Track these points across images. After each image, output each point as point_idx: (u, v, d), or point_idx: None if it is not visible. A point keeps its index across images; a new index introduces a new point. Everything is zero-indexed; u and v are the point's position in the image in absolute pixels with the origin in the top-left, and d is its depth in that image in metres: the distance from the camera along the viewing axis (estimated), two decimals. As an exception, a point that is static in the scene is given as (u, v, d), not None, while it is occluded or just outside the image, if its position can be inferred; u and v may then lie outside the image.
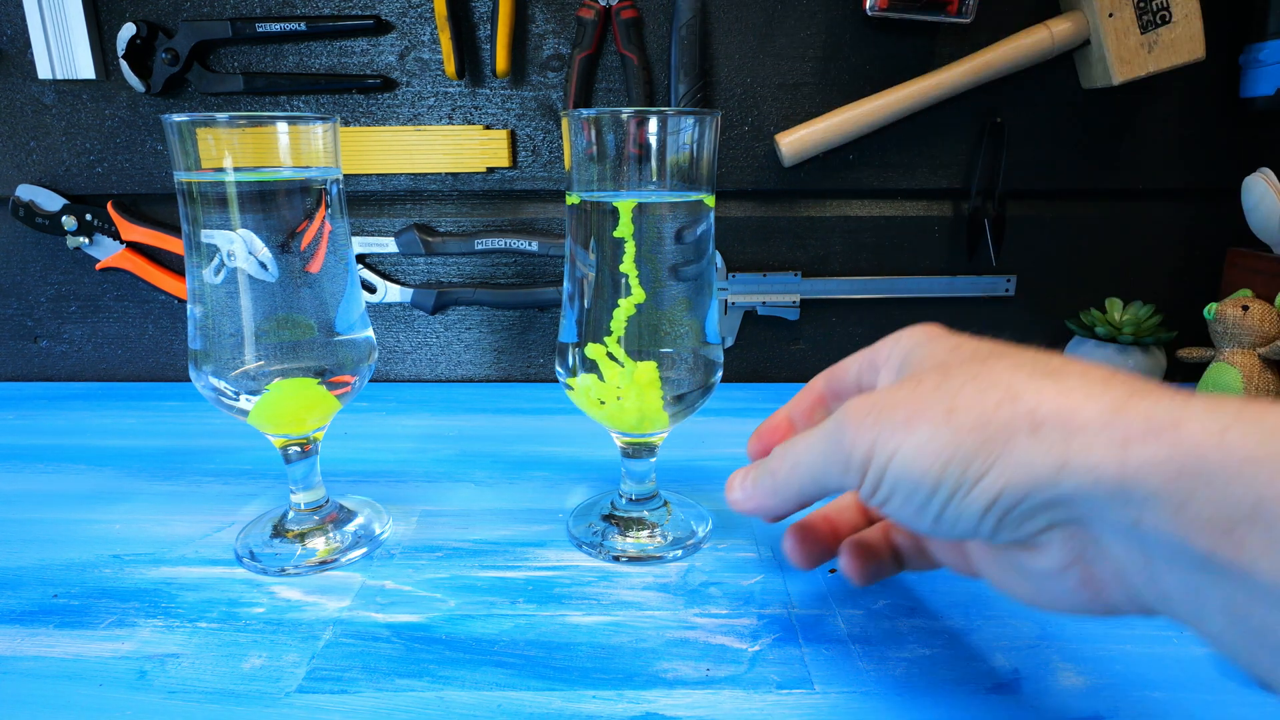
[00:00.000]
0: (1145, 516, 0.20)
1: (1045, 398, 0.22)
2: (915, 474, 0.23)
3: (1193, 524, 0.19)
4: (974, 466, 0.22)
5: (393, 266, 0.71)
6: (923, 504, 0.24)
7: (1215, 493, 0.19)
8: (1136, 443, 0.20)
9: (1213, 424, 0.19)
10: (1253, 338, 0.61)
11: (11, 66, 0.65)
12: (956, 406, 0.23)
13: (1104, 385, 0.22)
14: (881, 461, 0.24)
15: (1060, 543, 0.23)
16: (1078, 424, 0.21)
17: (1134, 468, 0.20)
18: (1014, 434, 0.22)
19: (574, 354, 0.41)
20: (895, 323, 0.71)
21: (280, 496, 0.49)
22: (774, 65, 0.65)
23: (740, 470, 0.32)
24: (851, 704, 0.31)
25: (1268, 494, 0.18)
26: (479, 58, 0.65)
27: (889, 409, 0.25)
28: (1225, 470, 0.19)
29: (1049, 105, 0.66)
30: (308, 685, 0.32)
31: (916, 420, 0.24)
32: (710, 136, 0.38)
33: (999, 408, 0.22)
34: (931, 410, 0.23)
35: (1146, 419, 0.20)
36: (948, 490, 0.23)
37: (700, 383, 0.41)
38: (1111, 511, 0.21)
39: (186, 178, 0.37)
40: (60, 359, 0.73)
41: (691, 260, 0.40)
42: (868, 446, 0.25)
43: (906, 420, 0.24)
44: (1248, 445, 0.18)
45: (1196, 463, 0.19)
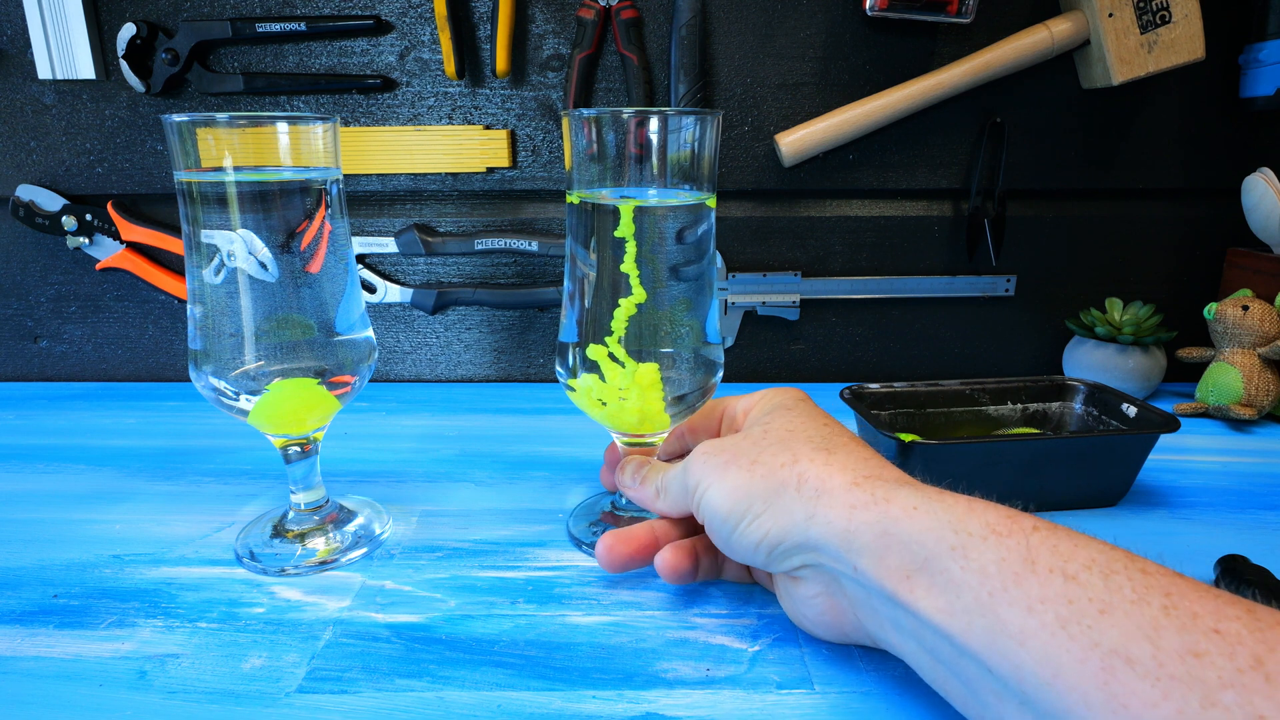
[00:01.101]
0: (860, 562, 0.28)
1: (814, 466, 0.31)
2: (719, 506, 0.32)
3: (887, 571, 0.27)
4: (755, 506, 0.31)
5: (393, 266, 0.71)
6: (720, 527, 0.32)
7: (902, 550, 0.27)
8: (859, 509, 0.28)
9: (909, 502, 0.28)
10: (1253, 338, 0.61)
11: (11, 66, 0.65)
12: (759, 460, 0.32)
13: (855, 465, 0.30)
14: (703, 491, 0.33)
15: (812, 577, 0.31)
16: (826, 489, 0.30)
17: (854, 526, 0.28)
18: (786, 487, 0.31)
19: (574, 354, 0.41)
20: (895, 323, 0.71)
21: (280, 496, 0.48)
22: (774, 65, 0.65)
23: (637, 457, 0.41)
24: (851, 704, 0.31)
25: (931, 555, 0.26)
26: (479, 58, 0.65)
27: (717, 453, 0.34)
28: (910, 535, 0.27)
29: (1049, 105, 0.66)
30: (308, 685, 0.32)
31: (730, 465, 0.33)
32: (712, 136, 0.38)
33: (783, 467, 0.31)
34: (742, 459, 0.32)
35: (870, 494, 0.29)
36: (735, 520, 0.32)
37: (701, 383, 0.41)
38: (841, 557, 0.29)
39: (186, 178, 0.37)
40: (60, 359, 0.73)
41: (692, 260, 0.40)
42: (697, 480, 0.34)
43: (724, 464, 0.33)
44: (926, 520, 0.27)
45: (893, 527, 0.27)
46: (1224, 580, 0.37)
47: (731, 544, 0.32)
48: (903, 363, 0.73)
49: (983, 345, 0.72)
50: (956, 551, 0.26)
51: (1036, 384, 0.54)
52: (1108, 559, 0.24)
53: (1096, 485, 0.47)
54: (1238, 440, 0.59)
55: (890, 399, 0.53)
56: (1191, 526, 0.45)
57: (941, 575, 0.26)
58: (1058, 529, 0.26)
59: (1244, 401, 0.61)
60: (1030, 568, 0.24)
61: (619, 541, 0.37)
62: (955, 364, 0.72)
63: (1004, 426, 0.54)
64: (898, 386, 0.53)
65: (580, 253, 0.40)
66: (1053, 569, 0.24)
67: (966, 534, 0.26)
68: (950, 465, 0.44)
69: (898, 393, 0.53)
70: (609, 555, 0.37)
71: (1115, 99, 0.66)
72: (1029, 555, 0.25)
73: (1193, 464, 0.54)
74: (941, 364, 0.72)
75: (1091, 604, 0.23)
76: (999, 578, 0.24)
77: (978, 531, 0.26)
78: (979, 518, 0.26)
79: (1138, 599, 0.22)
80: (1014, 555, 0.25)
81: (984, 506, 0.27)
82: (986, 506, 0.27)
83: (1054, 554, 0.24)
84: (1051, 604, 0.23)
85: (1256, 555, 0.38)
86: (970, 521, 0.26)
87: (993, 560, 0.25)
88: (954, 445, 0.44)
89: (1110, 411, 0.50)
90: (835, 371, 0.72)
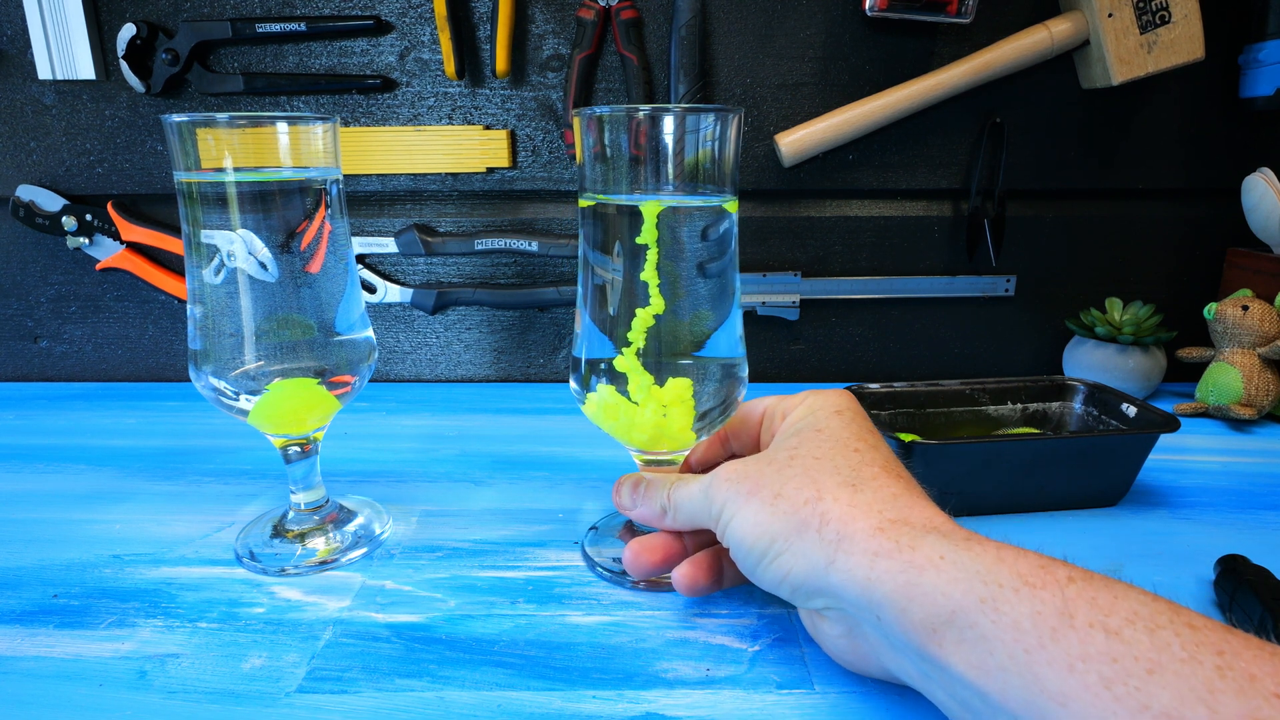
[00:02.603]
0: (882, 614, 0.26)
1: (838, 506, 0.29)
2: (742, 537, 0.31)
3: (911, 624, 0.25)
4: (777, 545, 0.30)
5: (393, 266, 0.71)
6: (744, 559, 0.31)
7: (927, 603, 0.25)
8: (882, 558, 0.27)
9: (935, 551, 0.26)
10: (1252, 337, 0.61)
11: (11, 66, 0.65)
12: (782, 493, 0.30)
13: (882, 505, 0.29)
14: (726, 520, 0.32)
15: (836, 619, 0.30)
16: (849, 534, 0.28)
17: (876, 575, 0.26)
18: (808, 528, 0.29)
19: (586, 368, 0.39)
20: (895, 323, 0.71)
21: (280, 496, 0.48)
22: (774, 65, 0.65)
23: (630, 478, 0.38)
24: (851, 704, 0.31)
25: (959, 608, 0.24)
26: (479, 58, 0.65)
27: (741, 480, 0.32)
28: (935, 588, 0.25)
29: (1049, 105, 0.66)
30: (308, 685, 0.32)
31: (753, 496, 0.31)
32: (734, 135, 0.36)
33: (806, 504, 0.30)
34: (765, 491, 0.31)
35: (895, 541, 0.27)
36: (757, 556, 0.30)
37: (724, 399, 0.39)
38: (863, 606, 0.27)
39: (186, 178, 0.37)
40: (60, 359, 0.73)
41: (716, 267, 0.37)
42: (721, 506, 0.32)
43: (748, 494, 0.31)
44: (953, 571, 0.25)
45: (918, 579, 0.26)
46: (1224, 580, 0.37)
47: (755, 577, 0.31)
48: (903, 363, 0.73)
49: (983, 345, 0.72)
50: (986, 605, 0.24)
51: (1036, 384, 0.54)
52: (1151, 612, 0.22)
53: (1096, 485, 0.47)
54: (1238, 440, 0.59)
55: (890, 399, 0.53)
56: (1191, 526, 0.45)
57: (971, 630, 0.24)
58: (1094, 578, 0.24)
59: (1244, 401, 0.61)
60: (1068, 622, 0.23)
61: (644, 550, 0.36)
62: (955, 364, 0.72)
63: (1004, 426, 0.54)
64: (898, 386, 0.53)
65: (595, 260, 0.38)
66: (1093, 623, 0.22)
67: (997, 585, 0.24)
68: (950, 465, 0.44)
69: (898, 393, 0.53)
70: (635, 564, 0.36)
71: (1115, 99, 0.66)
72: (1066, 608, 0.23)
73: (1193, 464, 0.54)
74: (941, 364, 0.72)
75: (1138, 663, 0.21)
76: (1034, 633, 0.23)
77: (1009, 583, 0.24)
78: (1009, 568, 0.25)
79: (1188, 657, 0.21)
80: (1049, 609, 0.23)
81: (1015, 555, 0.25)
82: (1018, 555, 0.25)
83: (1093, 607, 0.23)
84: (1094, 662, 0.22)
85: (1256, 555, 0.38)
86: (1000, 572, 0.25)
87: (1027, 614, 0.23)
88: (954, 445, 0.44)
89: (1110, 411, 0.50)
90: (835, 371, 0.72)
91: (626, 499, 0.38)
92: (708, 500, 0.33)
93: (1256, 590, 0.34)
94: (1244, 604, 0.35)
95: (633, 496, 0.38)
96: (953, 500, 0.46)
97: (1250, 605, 0.34)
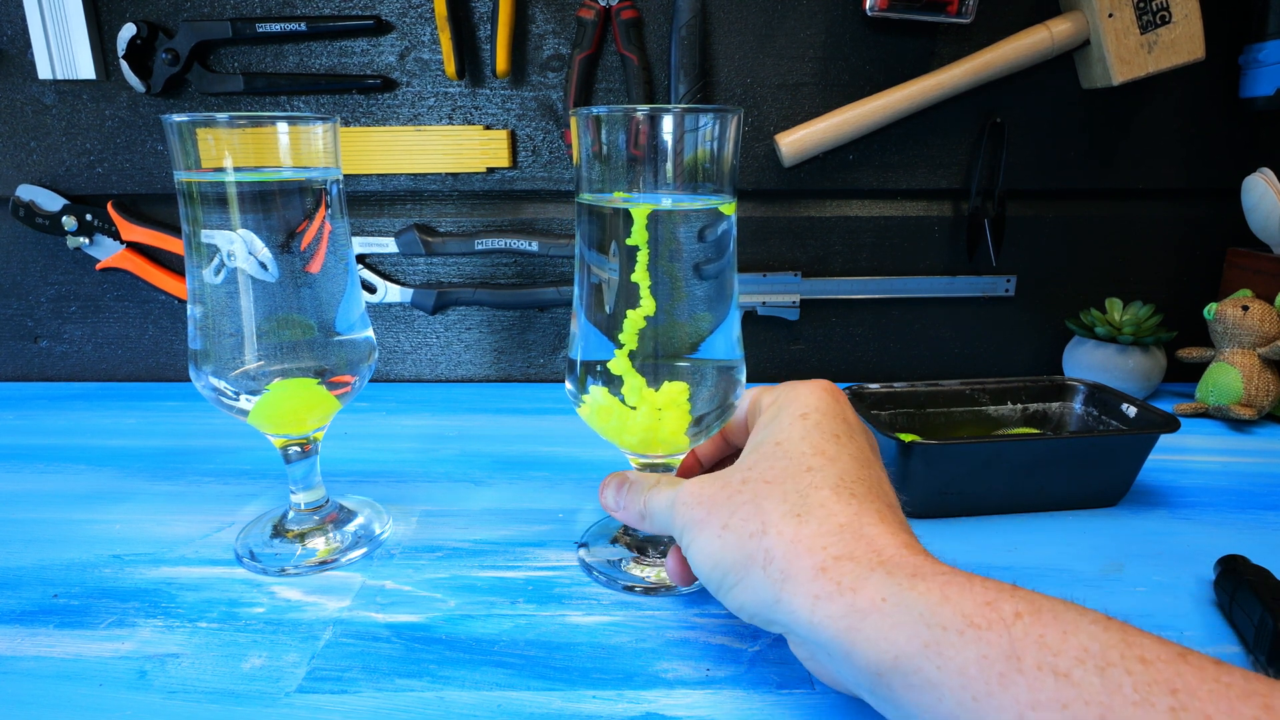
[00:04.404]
0: (830, 653, 0.26)
1: (781, 541, 0.28)
2: (699, 564, 0.31)
3: (857, 666, 0.25)
4: (730, 577, 0.29)
5: (393, 266, 0.71)
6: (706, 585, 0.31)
7: (870, 649, 0.24)
8: (823, 600, 0.26)
9: (877, 594, 0.25)
10: (1253, 338, 0.61)
11: (11, 66, 0.65)
12: (729, 525, 0.30)
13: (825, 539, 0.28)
14: (686, 543, 0.32)
15: (796, 643, 0.30)
16: (792, 573, 0.27)
17: (818, 619, 0.26)
18: (754, 564, 0.29)
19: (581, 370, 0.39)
20: (895, 323, 0.71)
21: (280, 496, 0.48)
22: (774, 65, 0.65)
23: (615, 477, 0.38)
24: (851, 704, 0.31)
25: (902, 654, 0.24)
26: (479, 58, 0.65)
27: (695, 505, 0.32)
28: (878, 633, 0.24)
29: (1049, 105, 0.66)
30: (308, 685, 0.32)
31: (705, 524, 0.31)
32: (732, 136, 0.35)
33: (752, 537, 0.29)
34: (715, 520, 0.30)
35: (836, 583, 0.26)
36: (715, 585, 0.30)
37: (720, 403, 0.38)
38: (812, 642, 0.27)
39: (186, 178, 0.37)
40: (60, 359, 0.73)
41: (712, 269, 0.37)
42: (680, 527, 0.32)
43: (700, 521, 0.31)
44: (896, 615, 0.24)
45: (859, 624, 0.25)
46: (1224, 580, 0.37)
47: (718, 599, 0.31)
48: (903, 363, 0.73)
49: (983, 345, 0.72)
50: (930, 649, 0.23)
51: (1036, 384, 0.54)
52: (1102, 647, 0.22)
53: (1096, 485, 0.47)
54: (1238, 440, 0.59)
55: (890, 399, 0.53)
56: (1191, 526, 0.45)
57: (917, 675, 0.23)
58: (1043, 611, 0.23)
59: (1244, 401, 0.61)
60: (1016, 665, 0.22)
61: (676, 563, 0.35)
62: (955, 364, 0.72)
63: (1004, 426, 0.54)
64: (898, 386, 0.53)
65: (590, 260, 0.37)
66: (1041, 665, 0.22)
67: (940, 629, 0.23)
68: (950, 465, 0.44)
69: (898, 393, 0.53)
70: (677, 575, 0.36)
71: (1115, 99, 0.66)
72: (1013, 650, 0.22)
73: (1193, 464, 0.54)
74: (941, 364, 0.72)
75: (1089, 708, 0.20)
76: (982, 680, 0.22)
77: (953, 625, 0.23)
78: (954, 607, 0.24)
79: (1141, 700, 0.20)
80: (996, 651, 0.22)
81: (961, 591, 0.24)
82: (964, 591, 0.24)
83: (1041, 647, 0.22)
84: (1044, 710, 0.21)
85: (1256, 555, 0.38)
86: (944, 613, 0.24)
87: (973, 659, 0.22)
88: (954, 445, 0.44)
89: (1110, 411, 0.50)
90: (835, 371, 0.72)
91: (611, 499, 0.37)
92: (671, 516, 0.33)
93: (1256, 590, 0.34)
94: (1244, 604, 0.35)
95: (616, 497, 0.37)
96: (953, 500, 0.46)
97: (1250, 605, 0.34)
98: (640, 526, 0.36)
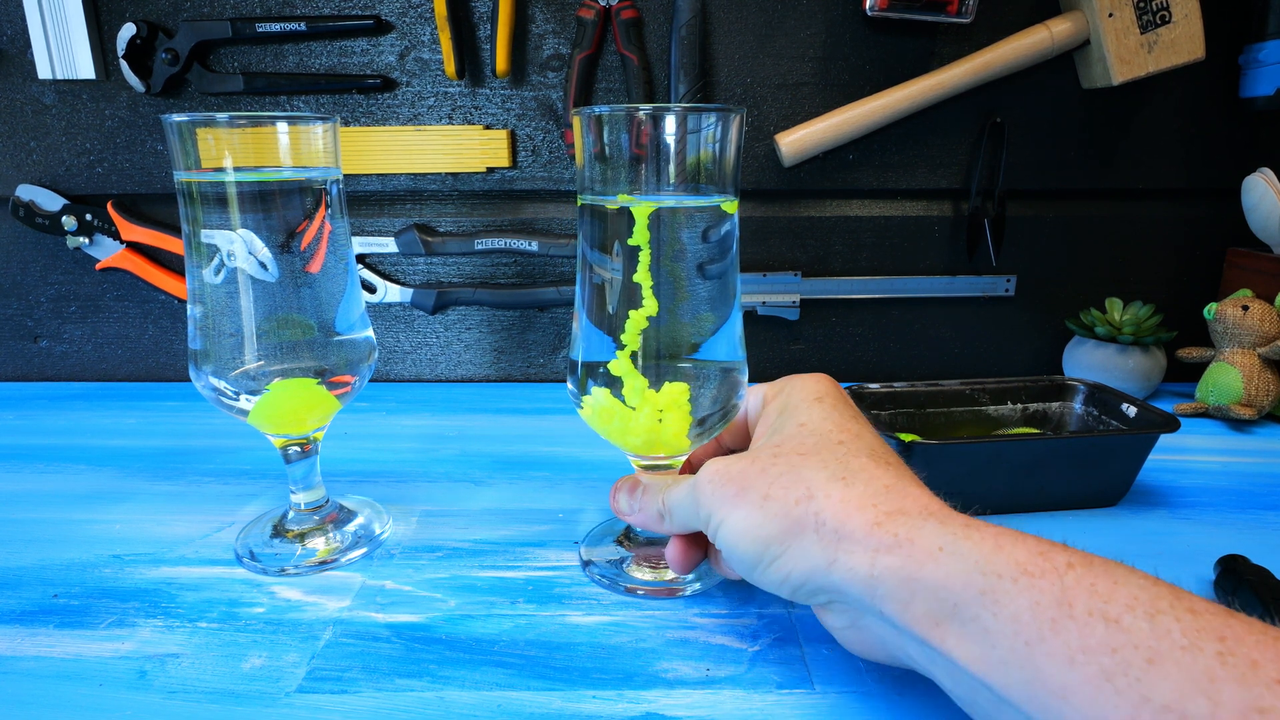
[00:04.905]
0: (885, 608, 0.26)
1: (831, 503, 0.28)
2: (735, 542, 0.30)
3: (914, 617, 0.25)
4: (773, 549, 0.29)
5: (393, 266, 0.71)
6: (739, 563, 0.31)
7: (928, 597, 0.25)
8: (883, 553, 0.27)
9: (934, 543, 0.26)
10: (1253, 338, 0.61)
11: (11, 66, 0.65)
12: (771, 494, 0.30)
13: (876, 498, 0.28)
14: (715, 524, 0.31)
15: (840, 611, 0.30)
16: (847, 532, 0.28)
17: (878, 572, 0.26)
18: (804, 529, 0.28)
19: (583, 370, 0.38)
20: (895, 323, 0.71)
21: (280, 496, 0.48)
22: (774, 65, 0.65)
23: (626, 481, 0.38)
24: (851, 704, 0.31)
25: (960, 602, 0.24)
26: (479, 58, 0.65)
27: (725, 482, 0.31)
28: (936, 581, 0.25)
29: (1049, 105, 0.66)
30: (308, 685, 0.32)
31: (740, 499, 0.30)
32: (735, 136, 0.35)
33: (798, 504, 0.29)
34: (752, 493, 0.30)
35: (894, 535, 0.27)
36: (753, 560, 0.30)
37: (722, 405, 0.38)
38: (865, 602, 0.27)
39: (186, 178, 0.37)
40: (60, 359, 0.73)
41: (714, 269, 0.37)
42: (709, 510, 0.32)
43: (735, 496, 0.31)
44: (952, 563, 0.25)
45: (918, 573, 0.26)
46: (1224, 580, 0.37)
47: (753, 579, 0.31)
48: (903, 363, 0.73)
49: (983, 345, 0.72)
50: (986, 597, 0.24)
51: (1036, 384, 0.54)
52: (1151, 597, 0.22)
53: (1096, 485, 0.47)
54: (1238, 440, 0.59)
55: (890, 399, 0.53)
56: (1191, 526, 0.45)
57: (973, 623, 0.24)
58: (1094, 562, 0.24)
59: (1244, 401, 0.61)
60: (1067, 612, 0.22)
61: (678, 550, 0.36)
62: (955, 364, 0.72)
63: (1004, 426, 0.54)
64: (898, 386, 0.53)
65: (593, 260, 0.37)
66: (1092, 612, 0.22)
67: (995, 576, 0.24)
68: (950, 465, 0.44)
69: (898, 393, 0.53)
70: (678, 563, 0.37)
71: (1115, 99, 0.66)
72: (1064, 597, 0.23)
73: (1193, 464, 0.54)
74: (941, 364, 0.72)
75: (1138, 652, 0.21)
76: (1034, 625, 0.23)
77: (1008, 573, 0.24)
78: (1008, 556, 0.24)
79: (1189, 644, 0.21)
80: (1048, 598, 0.23)
81: (1013, 542, 0.25)
82: (1016, 541, 0.25)
83: (1092, 594, 0.22)
84: (1094, 654, 0.21)
85: (1256, 555, 0.38)
86: (998, 561, 0.24)
87: (1026, 606, 0.23)
88: (954, 445, 0.44)
89: (1110, 411, 0.50)
90: (835, 371, 0.71)
91: (624, 504, 0.37)
92: (695, 504, 0.33)
93: (1256, 590, 0.34)
94: (1244, 604, 0.35)
95: (630, 501, 0.37)
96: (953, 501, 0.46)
97: (1250, 605, 0.34)
98: (658, 527, 0.36)
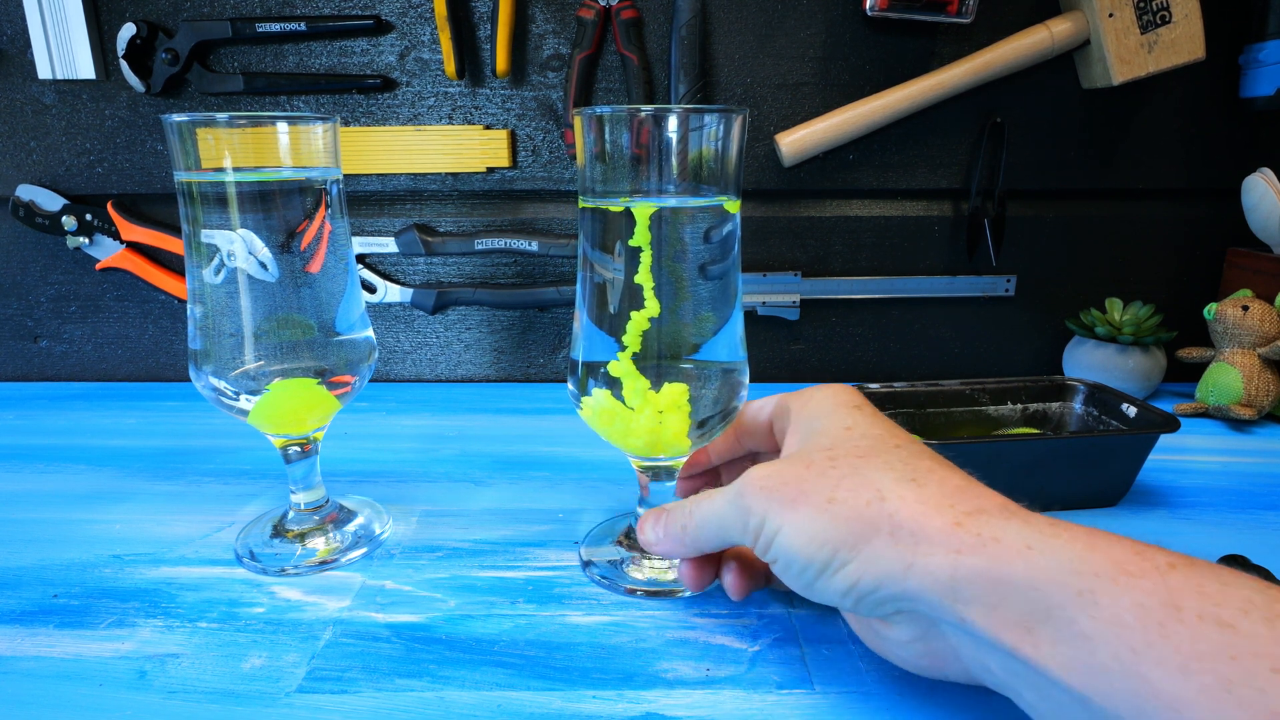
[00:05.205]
0: (968, 614, 0.24)
1: (905, 505, 0.26)
2: (795, 549, 0.28)
3: (1001, 623, 0.23)
4: (841, 554, 0.27)
5: (393, 266, 0.71)
6: (799, 573, 0.28)
7: (1019, 600, 0.23)
8: (966, 554, 0.24)
9: (1022, 541, 0.24)
10: (1253, 338, 0.61)
11: (11, 66, 0.65)
12: (836, 498, 0.27)
13: (951, 498, 0.26)
14: (770, 531, 0.29)
15: (908, 623, 0.27)
16: (925, 533, 0.25)
17: (961, 575, 0.24)
18: (877, 532, 0.26)
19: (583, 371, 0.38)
20: (895, 323, 0.71)
21: (280, 496, 0.48)
22: (774, 65, 0.65)
23: (653, 512, 0.36)
24: (851, 704, 0.31)
25: (1055, 604, 0.22)
26: (479, 58, 0.65)
27: (780, 486, 0.29)
28: (1027, 582, 0.23)
29: (1049, 105, 0.66)
30: (308, 685, 0.32)
31: (801, 502, 0.28)
32: (737, 136, 0.35)
33: (869, 505, 0.27)
34: (815, 496, 0.28)
35: (977, 535, 0.25)
36: (818, 568, 0.27)
37: (723, 406, 0.38)
38: (945, 607, 0.25)
39: (186, 178, 0.37)
40: (60, 359, 0.73)
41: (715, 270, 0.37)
42: (761, 516, 0.29)
43: (793, 500, 0.28)
44: (1043, 562, 0.23)
45: (1006, 573, 0.23)
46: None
47: (812, 590, 0.29)
48: (903, 363, 0.73)
49: (983, 345, 0.72)
50: (1084, 598, 0.22)
51: (1036, 384, 0.54)
52: (1266, 600, 0.20)
53: (1096, 485, 0.47)
54: (1238, 440, 0.59)
55: (890, 399, 0.53)
56: (1191, 526, 0.45)
57: (1070, 627, 0.22)
58: (1196, 563, 0.22)
59: (1244, 401, 0.61)
60: (1176, 615, 0.20)
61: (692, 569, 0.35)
62: (955, 364, 0.72)
63: (1004, 426, 0.54)
64: (898, 386, 0.53)
65: (594, 260, 0.37)
66: (1202, 615, 0.20)
67: (1093, 576, 0.22)
68: (950, 465, 0.44)
69: (898, 393, 0.53)
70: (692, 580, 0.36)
71: (1115, 99, 0.66)
72: (1171, 599, 0.21)
73: (1193, 464, 0.54)
74: (941, 364, 0.72)
75: (1260, 660, 0.19)
76: (1140, 629, 0.21)
77: (1106, 572, 0.22)
78: (1103, 555, 0.22)
79: None
80: (1154, 600, 0.21)
81: (1107, 541, 0.23)
82: (1110, 541, 0.23)
83: (1201, 596, 0.21)
84: (1211, 661, 0.19)
85: (1256, 555, 0.38)
86: (1094, 560, 0.22)
87: (1129, 607, 0.21)
88: (954, 445, 0.44)
89: (1110, 411, 0.50)
90: (835, 371, 0.72)
91: (650, 533, 0.35)
92: (741, 511, 0.30)
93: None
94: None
95: (654, 529, 0.35)
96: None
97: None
98: (681, 550, 0.34)
